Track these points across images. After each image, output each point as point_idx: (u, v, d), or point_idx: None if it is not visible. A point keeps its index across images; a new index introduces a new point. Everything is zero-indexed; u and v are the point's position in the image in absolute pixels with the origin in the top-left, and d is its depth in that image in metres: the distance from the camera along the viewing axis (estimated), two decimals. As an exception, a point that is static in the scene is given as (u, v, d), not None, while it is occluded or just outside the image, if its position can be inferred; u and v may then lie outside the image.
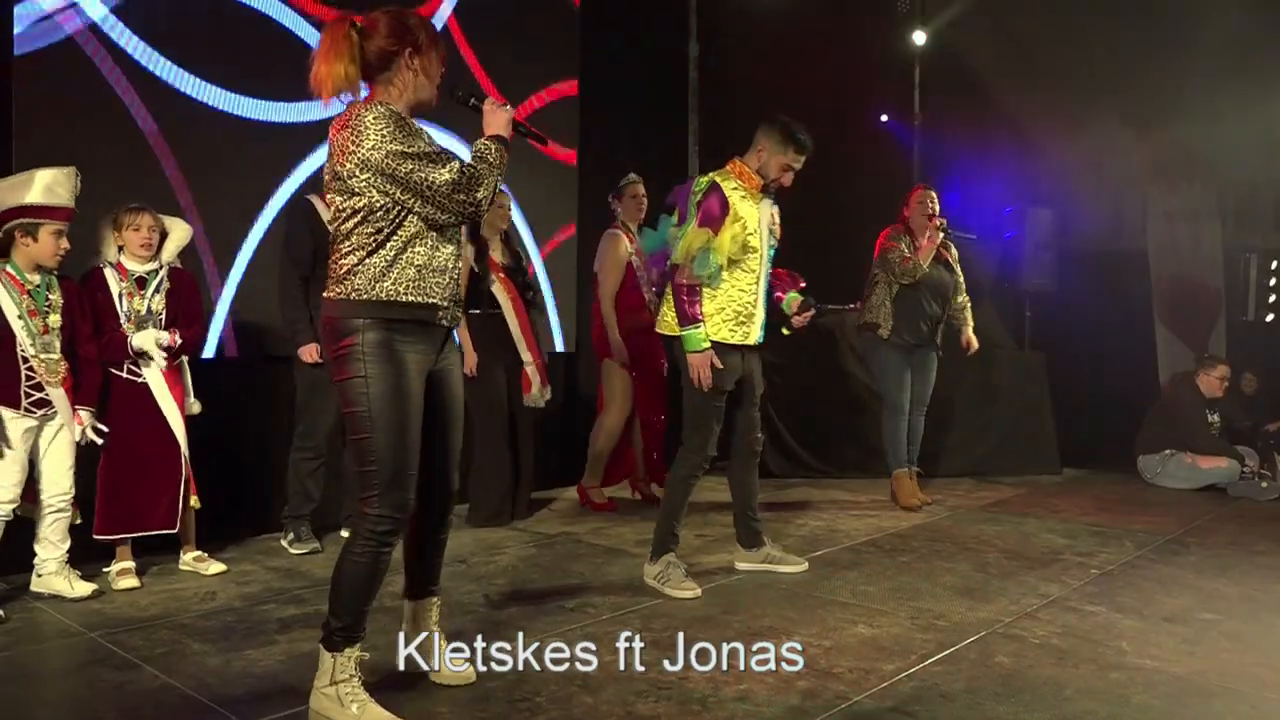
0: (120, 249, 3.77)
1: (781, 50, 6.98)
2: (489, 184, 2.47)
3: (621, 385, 5.22)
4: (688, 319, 3.61)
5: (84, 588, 3.56)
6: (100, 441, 3.63)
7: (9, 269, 3.44)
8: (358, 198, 2.41)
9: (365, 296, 2.42)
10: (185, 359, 3.93)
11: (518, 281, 4.89)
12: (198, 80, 4.39)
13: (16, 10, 3.85)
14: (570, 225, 6.15)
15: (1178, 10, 6.61)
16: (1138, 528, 4.93)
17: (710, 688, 2.75)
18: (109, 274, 3.75)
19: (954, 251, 5.46)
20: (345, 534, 4.50)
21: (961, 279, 5.45)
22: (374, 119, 2.37)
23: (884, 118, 8.47)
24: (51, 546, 3.57)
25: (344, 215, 2.44)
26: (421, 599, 2.81)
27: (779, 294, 3.94)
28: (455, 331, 2.83)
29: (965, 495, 5.76)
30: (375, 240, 2.42)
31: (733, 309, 3.68)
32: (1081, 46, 7.25)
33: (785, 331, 4.05)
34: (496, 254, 4.84)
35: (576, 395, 6.17)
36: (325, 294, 2.50)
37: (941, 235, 5.25)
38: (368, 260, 2.42)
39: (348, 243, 2.45)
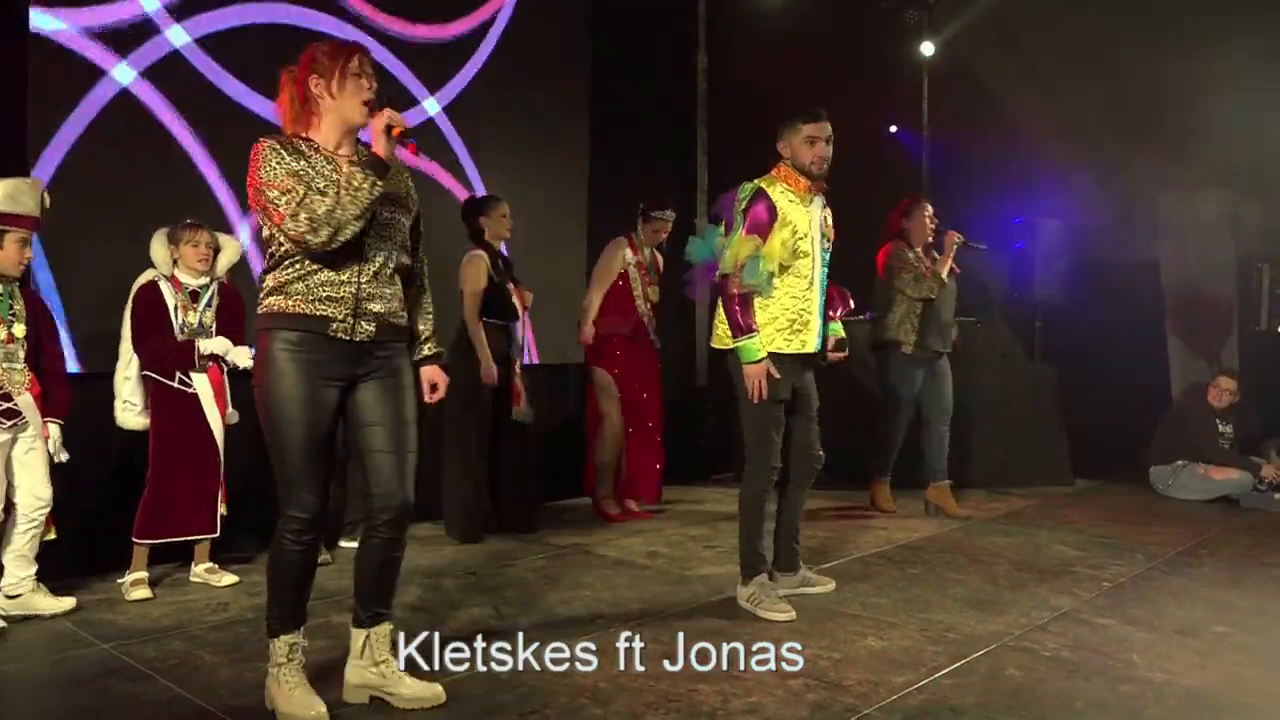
0: (175, 262, 3.83)
1: (789, 61, 7.00)
2: (334, 224, 2.49)
3: (612, 392, 5.25)
4: (741, 329, 3.51)
5: (64, 603, 3.52)
6: (65, 458, 3.60)
7: None
8: (259, 220, 2.62)
9: (265, 310, 2.61)
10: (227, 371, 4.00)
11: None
12: (242, 88, 4.46)
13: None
14: (579, 235, 6.17)
15: (1189, 21, 6.60)
16: (1149, 539, 4.91)
17: (719, 700, 2.75)
18: (164, 287, 3.82)
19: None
20: (344, 543, 4.53)
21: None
22: (257, 154, 2.55)
23: (892, 128, 8.48)
24: (25, 563, 3.49)
25: (261, 242, 2.69)
26: (374, 626, 2.72)
27: (831, 312, 3.81)
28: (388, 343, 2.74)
29: (976, 506, 5.74)
30: (274, 258, 2.61)
31: (786, 317, 3.57)
32: (1091, 56, 7.25)
33: (820, 358, 3.88)
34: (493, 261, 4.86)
35: (586, 406, 6.17)
36: None
37: (956, 247, 5.25)
38: (270, 276, 2.62)
39: (264, 262, 2.67)
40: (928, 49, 8.30)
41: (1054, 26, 7.43)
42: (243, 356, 3.85)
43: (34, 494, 3.50)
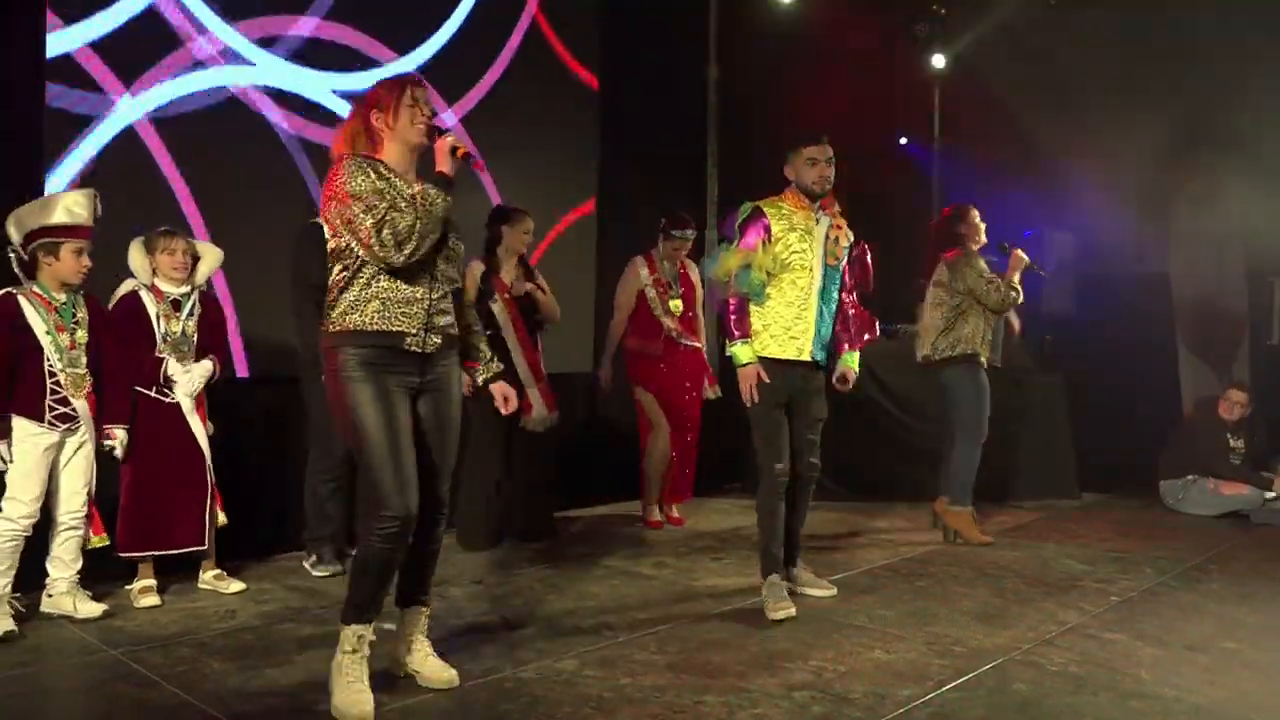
0: (154, 271, 3.85)
1: (800, 73, 7.03)
2: (416, 238, 2.71)
3: (655, 407, 5.31)
4: (732, 335, 3.76)
5: (93, 609, 3.57)
6: (120, 456, 3.68)
7: (36, 288, 3.52)
8: (332, 238, 2.79)
9: (339, 327, 2.76)
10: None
11: (525, 302, 4.90)
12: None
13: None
14: (589, 247, 6.20)
15: (1201, 34, 6.60)
16: (1158, 554, 4.89)
17: (725, 711, 2.75)
18: (145, 296, 3.83)
19: None
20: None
21: None
22: (343, 167, 2.73)
23: (903, 140, 8.49)
24: (63, 565, 3.58)
25: (329, 256, 2.82)
26: (409, 607, 2.98)
27: (848, 343, 3.94)
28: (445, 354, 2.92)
29: (984, 519, 5.71)
30: (345, 279, 2.76)
31: (780, 325, 3.77)
32: (1102, 69, 7.25)
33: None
34: (507, 275, 4.86)
35: (598, 415, 6.18)
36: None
37: (1023, 266, 5.05)
38: (340, 296, 2.77)
39: (330, 281, 2.81)
40: (939, 61, 8.31)
41: (1065, 39, 7.43)
42: (196, 381, 3.85)
43: (73, 499, 3.56)
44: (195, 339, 3.90)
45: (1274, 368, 7.25)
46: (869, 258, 4.05)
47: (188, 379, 3.83)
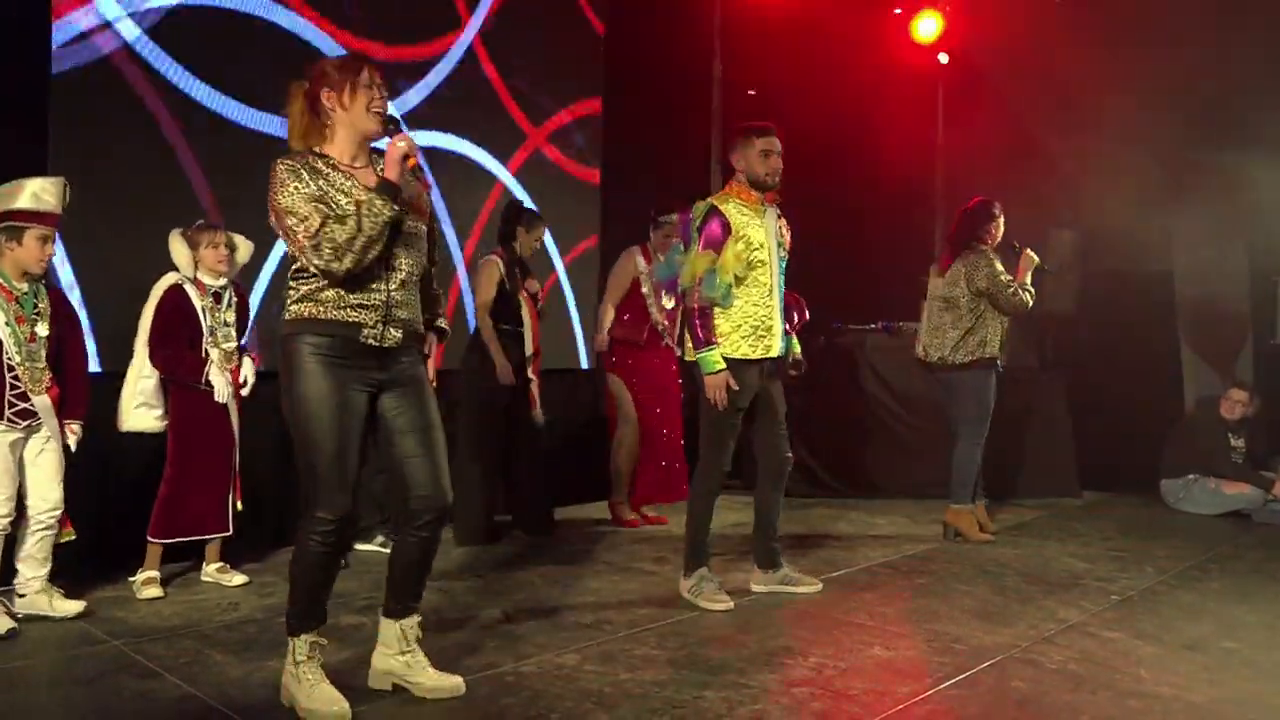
0: (196, 265, 3.86)
1: (804, 69, 7.02)
2: (357, 251, 2.57)
3: (627, 400, 5.27)
4: (700, 342, 3.72)
5: (70, 606, 3.49)
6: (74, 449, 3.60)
7: None
8: (281, 239, 2.69)
9: (293, 316, 2.66)
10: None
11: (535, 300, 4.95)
12: (226, 97, 4.48)
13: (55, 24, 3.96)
14: (592, 242, 6.20)
15: (1203, 32, 6.58)
16: (1159, 553, 4.90)
17: (725, 707, 2.77)
18: (190, 290, 3.85)
19: None
20: (359, 546, 4.55)
21: None
22: (275, 172, 2.62)
23: (907, 137, 8.47)
24: (36, 564, 3.47)
25: (287, 254, 2.75)
26: (403, 618, 2.82)
27: (787, 328, 3.95)
28: (415, 346, 2.83)
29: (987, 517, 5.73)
30: (301, 270, 2.66)
31: (749, 324, 3.76)
32: (1105, 66, 7.23)
33: None
34: (534, 285, 4.95)
35: (598, 412, 6.19)
36: None
37: (1034, 266, 4.98)
38: (299, 284, 2.67)
39: (290, 272, 2.71)
40: (943, 58, 8.30)
41: (1068, 35, 7.41)
42: (228, 391, 3.91)
43: (45, 496, 3.47)
44: (234, 330, 3.93)
45: (1277, 367, 7.24)
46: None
47: (227, 391, 3.88)
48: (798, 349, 4.04)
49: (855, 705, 2.81)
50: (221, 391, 3.87)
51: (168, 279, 3.84)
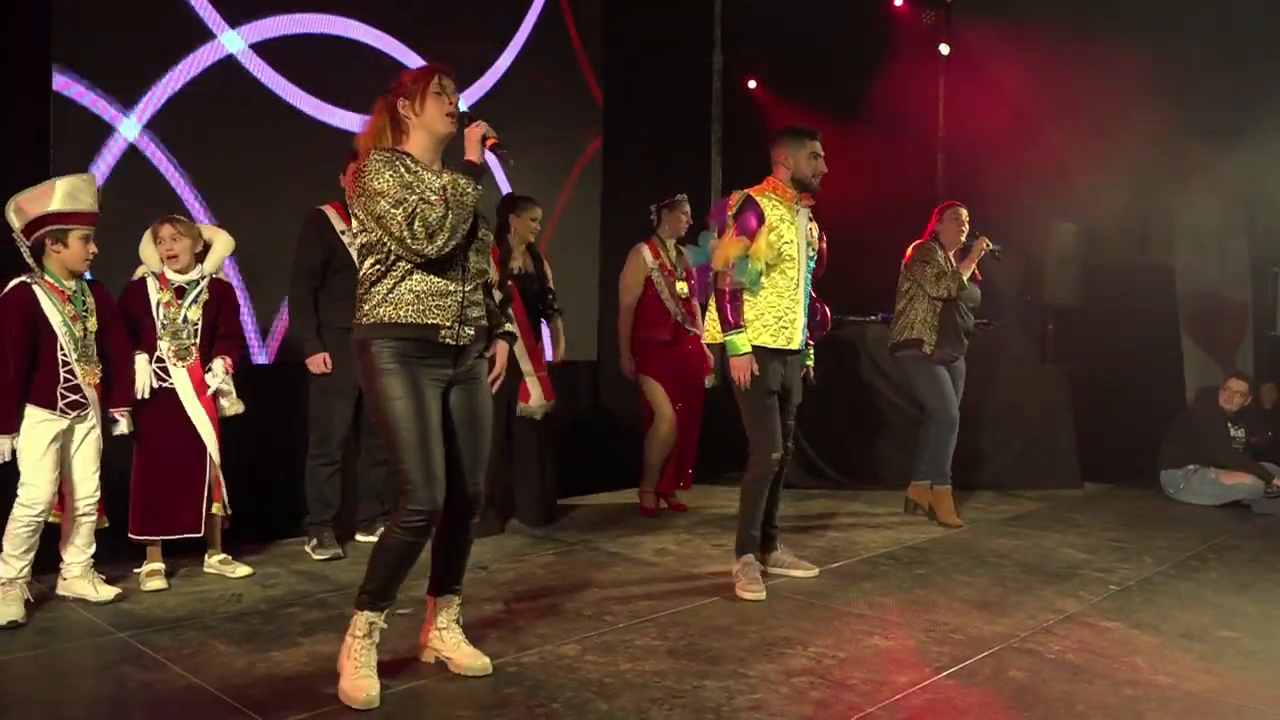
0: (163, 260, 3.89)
1: (804, 61, 7.02)
2: (448, 229, 2.71)
3: (662, 397, 5.31)
4: (729, 325, 3.82)
5: (107, 592, 3.61)
6: (128, 432, 3.72)
7: (48, 277, 3.52)
8: (363, 234, 2.77)
9: (373, 319, 2.76)
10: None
11: (532, 288, 4.92)
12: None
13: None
14: (593, 233, 6.21)
15: (1207, 24, 6.57)
16: (1158, 543, 4.91)
17: (725, 696, 2.79)
18: (150, 282, 3.88)
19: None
20: (360, 538, 4.58)
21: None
22: (369, 162, 2.73)
23: (908, 128, 8.46)
24: (77, 550, 3.62)
25: (359, 250, 2.82)
26: (442, 595, 2.99)
27: (809, 337, 4.11)
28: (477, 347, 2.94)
29: (984, 508, 5.75)
30: (378, 272, 2.76)
31: (772, 315, 3.87)
32: (1108, 59, 7.22)
33: None
34: (516, 262, 4.89)
35: (599, 403, 6.21)
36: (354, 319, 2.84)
37: (984, 253, 5.17)
38: (373, 289, 2.77)
39: (361, 274, 2.80)
40: (944, 49, 8.29)
41: (1071, 28, 7.40)
42: (218, 383, 3.91)
43: (84, 485, 3.59)
44: (200, 326, 3.91)
45: (1276, 358, 7.25)
46: (825, 247, 4.17)
47: (194, 379, 3.86)
48: (811, 360, 4.18)
49: (854, 695, 2.83)
50: (180, 382, 3.83)
51: (136, 273, 3.90)
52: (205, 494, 3.91)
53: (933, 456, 5.28)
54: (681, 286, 5.35)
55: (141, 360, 3.81)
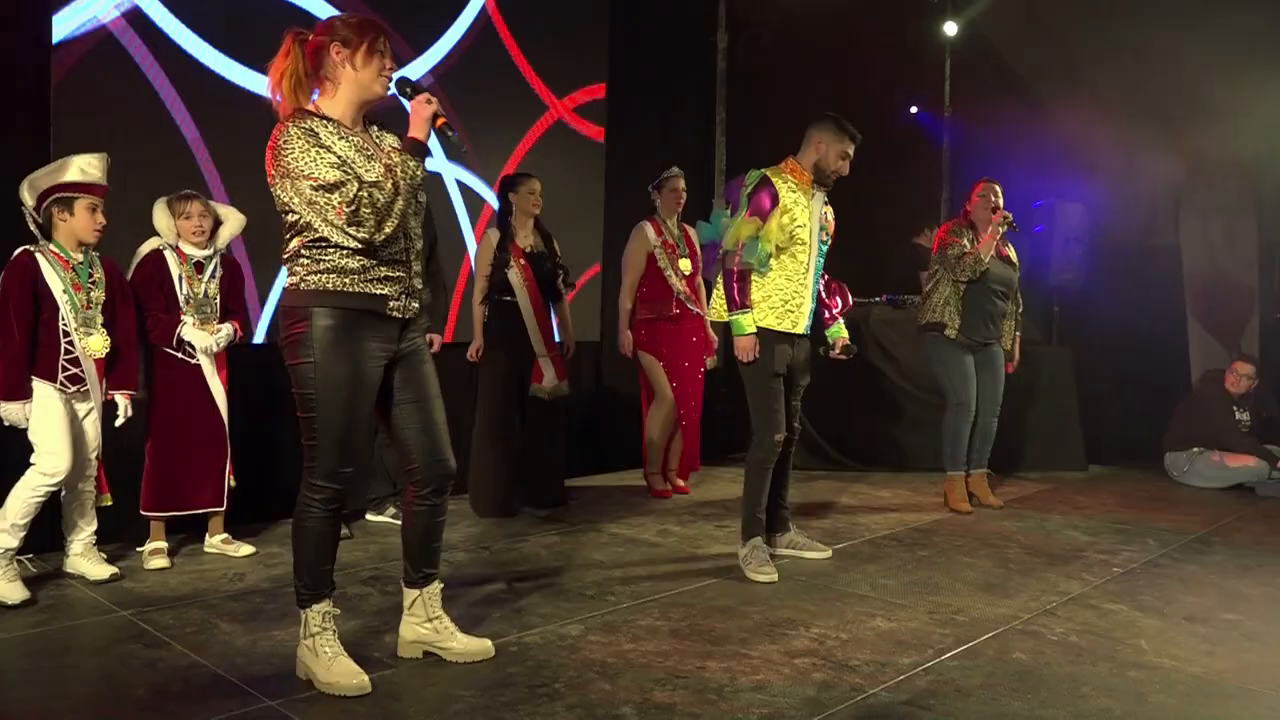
0: (179, 234, 3.88)
1: (809, 40, 6.96)
2: (397, 215, 2.56)
3: (661, 376, 5.29)
4: (735, 305, 3.80)
5: (105, 570, 3.60)
6: (121, 422, 3.69)
7: (53, 247, 3.52)
8: (288, 214, 2.58)
9: (311, 287, 2.57)
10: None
11: (545, 268, 4.89)
12: (234, 64, 4.46)
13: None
14: (597, 212, 6.18)
15: (1214, 5, 6.51)
16: (1162, 526, 4.91)
17: (727, 677, 2.79)
18: (169, 256, 3.86)
19: (1012, 247, 5.32)
20: (371, 517, 4.59)
21: (1017, 276, 5.31)
22: (288, 137, 2.51)
23: (913, 109, 8.42)
24: (78, 528, 3.64)
25: (285, 212, 2.59)
26: (425, 586, 2.86)
27: (830, 314, 4.13)
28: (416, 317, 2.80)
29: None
30: (313, 238, 2.56)
31: (779, 297, 3.84)
32: (1115, 39, 7.16)
33: (820, 351, 4.21)
34: (523, 240, 4.86)
35: (603, 384, 6.19)
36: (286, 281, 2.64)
37: (1004, 230, 5.06)
38: (313, 254, 2.56)
39: (290, 246, 2.59)
40: (950, 29, 8.23)
41: (1078, 8, 7.34)
42: (214, 343, 3.87)
43: (84, 460, 3.58)
44: (217, 301, 3.92)
45: (1284, 341, 7.22)
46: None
47: (208, 340, 3.84)
48: (845, 334, 4.17)
49: (857, 676, 2.82)
50: (202, 342, 3.83)
51: (149, 244, 3.87)
52: (226, 468, 3.94)
53: (945, 442, 5.20)
54: (685, 264, 5.32)
55: (188, 325, 3.81)
